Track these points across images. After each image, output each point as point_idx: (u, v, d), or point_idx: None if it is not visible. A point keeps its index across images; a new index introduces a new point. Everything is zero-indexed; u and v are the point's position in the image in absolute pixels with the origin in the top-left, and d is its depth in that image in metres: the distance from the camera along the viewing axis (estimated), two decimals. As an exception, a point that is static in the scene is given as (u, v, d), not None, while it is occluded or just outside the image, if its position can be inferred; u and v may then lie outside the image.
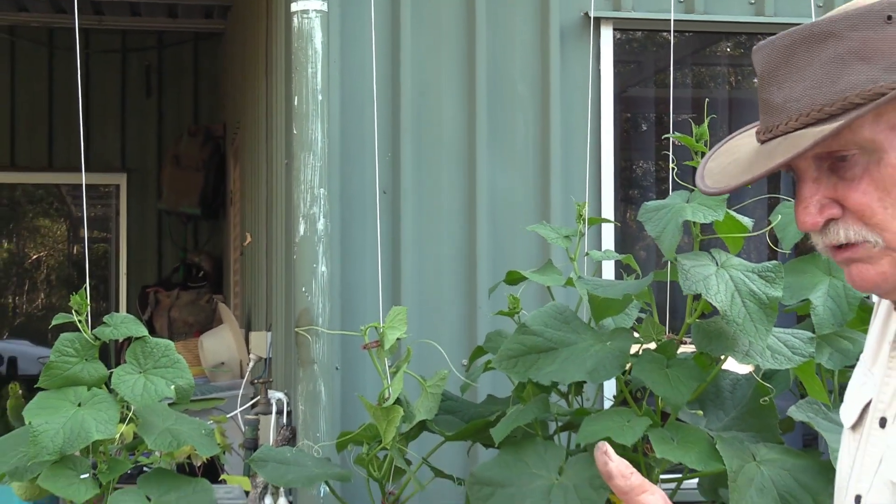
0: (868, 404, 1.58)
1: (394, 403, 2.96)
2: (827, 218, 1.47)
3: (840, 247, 1.48)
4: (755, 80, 1.52)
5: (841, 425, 2.74)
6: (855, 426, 1.60)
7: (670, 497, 3.26)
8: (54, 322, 2.97)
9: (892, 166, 1.42)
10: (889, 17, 1.41)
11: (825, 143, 1.41)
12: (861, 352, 2.94)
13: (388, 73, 4.15)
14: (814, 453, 3.00)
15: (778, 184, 4.61)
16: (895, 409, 1.51)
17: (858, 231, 1.45)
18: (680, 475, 3.06)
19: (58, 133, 9.43)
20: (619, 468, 1.46)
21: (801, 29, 1.46)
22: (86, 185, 3.87)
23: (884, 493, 1.50)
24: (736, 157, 1.55)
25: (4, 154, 9.54)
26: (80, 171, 3.69)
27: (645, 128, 5.43)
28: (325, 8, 3.90)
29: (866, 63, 1.41)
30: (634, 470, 1.46)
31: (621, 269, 3.83)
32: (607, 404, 3.53)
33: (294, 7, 3.88)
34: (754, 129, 1.55)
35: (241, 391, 4.96)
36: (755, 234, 2.96)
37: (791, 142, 1.44)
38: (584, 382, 2.99)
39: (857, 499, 1.56)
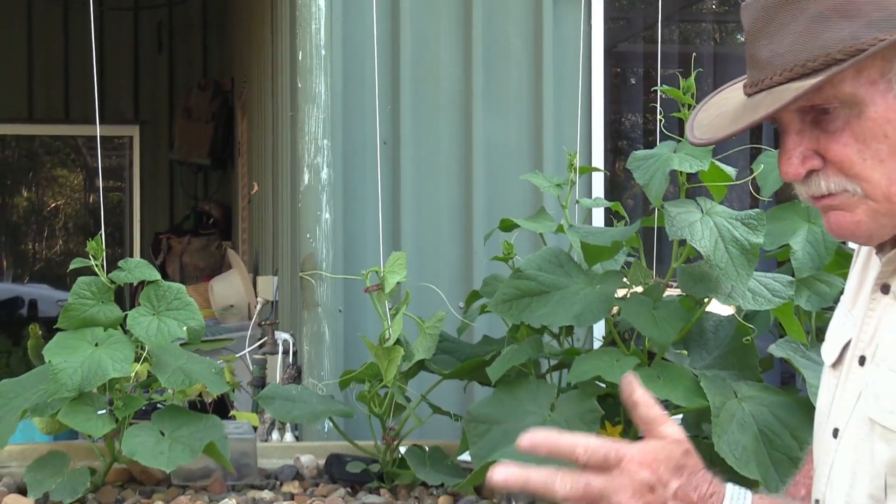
0: (848, 343, 1.58)
1: (394, 344, 2.96)
2: (808, 169, 1.47)
3: (820, 196, 1.48)
4: (740, 36, 1.52)
5: (819, 363, 2.74)
6: (835, 364, 1.61)
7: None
8: (72, 266, 2.96)
9: (872, 119, 1.42)
10: None
11: (808, 96, 1.41)
12: (837, 294, 2.95)
13: (388, 28, 4.12)
14: (792, 391, 3.00)
15: (760, 134, 4.59)
16: (874, 348, 1.52)
17: (839, 182, 1.45)
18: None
19: (74, 87, 9.38)
20: (643, 398, 1.45)
21: None
22: (100, 136, 3.85)
23: (862, 428, 1.51)
24: (724, 109, 1.55)
25: (22, 107, 9.51)
26: (95, 123, 3.68)
27: (634, 82, 5.41)
28: (327, -34, 3.87)
29: (848, 20, 1.40)
30: (656, 401, 1.46)
31: (610, 216, 3.83)
32: (597, 345, 3.53)
33: (298, -35, 3.85)
34: (742, 83, 1.55)
35: (249, 332, 4.96)
36: (738, 182, 2.95)
37: (775, 95, 1.43)
38: (575, 324, 2.99)
39: (835, 432, 1.57)
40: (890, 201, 1.44)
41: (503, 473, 1.38)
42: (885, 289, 1.52)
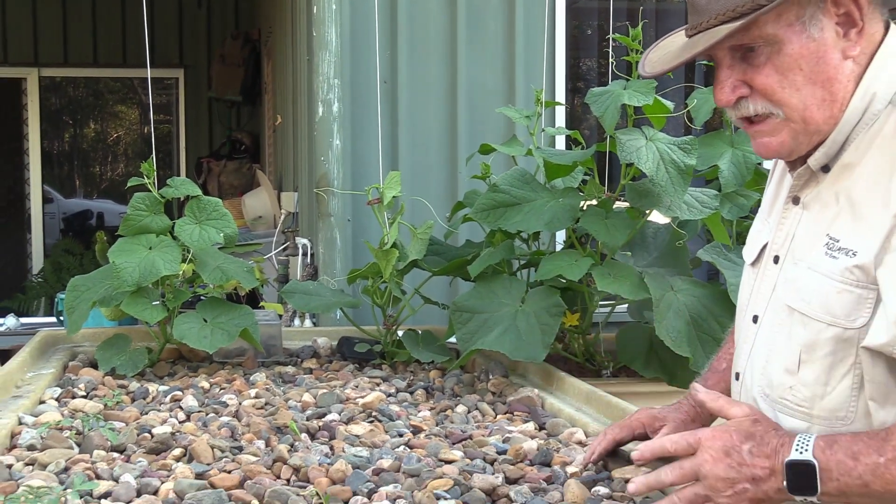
0: (765, 246, 1.58)
1: (391, 247, 2.93)
2: (738, 96, 1.46)
3: (751, 121, 1.48)
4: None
5: (738, 264, 2.73)
6: (754, 263, 1.61)
7: (606, 319, 3.25)
8: (129, 184, 2.93)
9: (789, 55, 1.41)
10: None
11: (738, 36, 1.41)
12: (754, 205, 2.93)
13: (387, -13, 4.06)
14: (716, 285, 2.99)
15: (693, 75, 4.55)
16: (786, 249, 1.52)
17: (765, 105, 1.44)
18: (613, 301, 3.06)
19: (130, 37, 9.28)
20: (707, 397, 1.53)
21: None
22: (151, 78, 3.78)
23: (779, 314, 1.51)
24: (669, 49, 1.56)
25: (89, 54, 9.42)
26: (147, 67, 3.63)
27: (590, 33, 5.34)
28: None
29: None
30: (719, 395, 1.53)
31: (570, 143, 3.79)
32: (558, 247, 3.51)
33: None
34: (685, 29, 1.54)
35: (274, 238, 4.94)
36: (676, 114, 2.92)
37: (711, 34, 1.43)
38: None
39: (755, 318, 1.57)
40: (806, 122, 1.43)
41: (640, 484, 1.45)
42: (795, 200, 1.52)
